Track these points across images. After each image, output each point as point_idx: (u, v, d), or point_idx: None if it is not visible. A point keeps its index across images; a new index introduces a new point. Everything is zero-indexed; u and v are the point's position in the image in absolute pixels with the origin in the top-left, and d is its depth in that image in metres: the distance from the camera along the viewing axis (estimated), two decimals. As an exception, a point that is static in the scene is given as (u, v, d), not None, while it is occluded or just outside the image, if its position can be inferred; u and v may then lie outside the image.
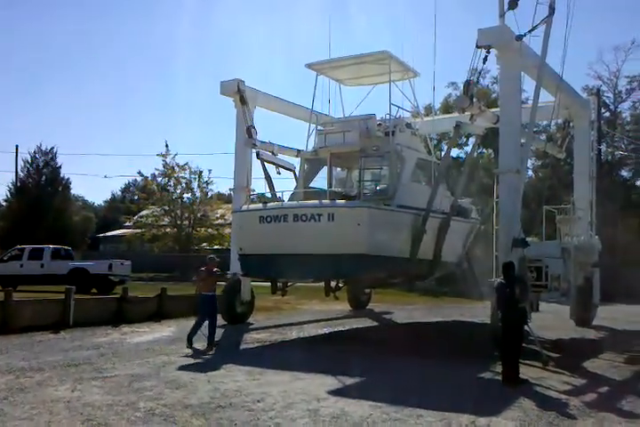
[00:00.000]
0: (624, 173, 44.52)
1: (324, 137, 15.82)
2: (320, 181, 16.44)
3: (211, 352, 12.24)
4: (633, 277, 26.92)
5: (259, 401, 8.10)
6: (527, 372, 9.98)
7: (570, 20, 14.00)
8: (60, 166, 53.36)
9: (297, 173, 16.74)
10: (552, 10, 13.36)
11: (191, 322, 14.68)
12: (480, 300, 19.31)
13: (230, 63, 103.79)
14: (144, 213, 45.24)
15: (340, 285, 16.23)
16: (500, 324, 9.60)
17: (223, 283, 16.05)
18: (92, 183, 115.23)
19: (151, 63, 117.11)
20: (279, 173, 16.86)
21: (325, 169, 16.24)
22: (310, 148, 16.31)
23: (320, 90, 16.58)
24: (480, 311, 17.61)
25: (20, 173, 49.97)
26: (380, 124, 15.48)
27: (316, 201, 13.82)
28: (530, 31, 13.12)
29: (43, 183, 52.12)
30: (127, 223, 50.05)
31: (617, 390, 9.33)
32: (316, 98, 16.30)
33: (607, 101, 42.56)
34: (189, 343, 12.62)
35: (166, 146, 41.93)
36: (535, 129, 23.84)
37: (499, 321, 9.65)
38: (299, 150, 17.82)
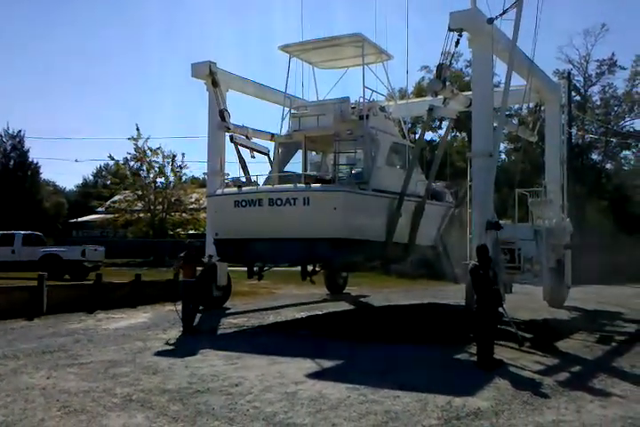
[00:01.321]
0: (594, 156, 45.20)
1: (298, 120, 15.75)
2: (295, 164, 16.38)
3: (194, 338, 12.20)
4: (603, 259, 27.42)
5: (236, 385, 8.12)
6: (501, 352, 10.15)
7: (540, 3, 14.08)
8: (29, 150, 52.49)
9: (271, 157, 16.66)
10: (523, -7, 13.37)
11: (167, 307, 14.68)
12: (455, 282, 19.55)
13: (203, 45, 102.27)
14: (117, 198, 44.73)
15: (317, 269, 16.28)
16: (475, 306, 9.72)
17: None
18: (63, 168, 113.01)
19: (123, 44, 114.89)
20: (253, 156, 16.79)
21: (300, 153, 16.19)
22: (284, 131, 16.22)
23: (294, 73, 16.49)
24: (455, 294, 17.84)
25: (-14, 157, 49.02)
26: (354, 107, 15.45)
27: (292, 185, 13.79)
28: (501, 15, 13.12)
29: (10, 168, 51.15)
30: (100, 209, 49.44)
31: (589, 369, 9.53)
32: (289, 81, 16.21)
33: (577, 85, 42.98)
34: (191, 331, 12.55)
35: (137, 129, 41.49)
36: (507, 113, 24.06)
37: (474, 303, 9.76)
38: (273, 134, 17.73)
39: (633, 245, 33.26)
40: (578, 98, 42.80)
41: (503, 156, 41.68)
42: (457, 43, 12.98)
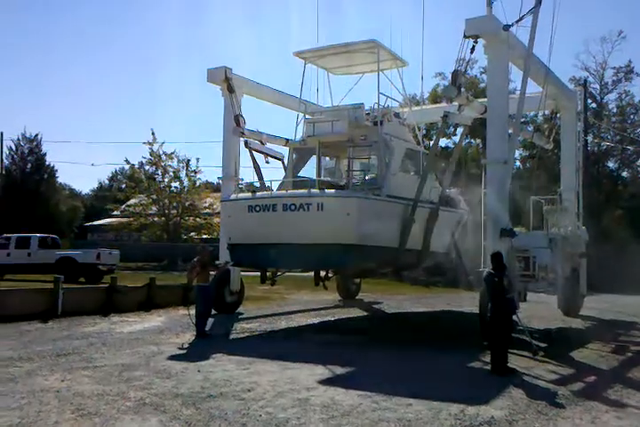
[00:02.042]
0: (610, 164, 44.85)
1: (313, 126, 15.77)
2: (309, 170, 16.41)
3: (206, 342, 12.24)
4: (619, 268, 27.19)
5: (249, 390, 8.12)
6: (516, 361, 10.08)
7: (557, 10, 14.06)
8: (46, 154, 53.02)
9: (285, 163, 16.69)
10: (539, 0, 13.35)
11: (181, 312, 14.73)
12: (469, 290, 19.44)
13: (219, 51, 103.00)
14: (132, 201, 44.97)
15: (330, 274, 16.27)
16: (489, 314, 9.66)
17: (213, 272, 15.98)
18: (79, 171, 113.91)
19: (139, 50, 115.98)
20: (268, 162, 16.86)
21: (314, 158, 16.21)
22: (299, 137, 16.26)
23: (309, 79, 16.54)
24: (468, 301, 17.73)
25: (4, 160, 49.43)
26: (368, 113, 15.46)
27: (305, 190, 13.80)
28: (517, 21, 13.10)
29: (28, 171, 51.68)
30: (115, 212, 49.75)
31: (604, 379, 9.42)
32: (304, 87, 16.27)
33: (594, 92, 42.73)
34: (204, 335, 12.59)
35: (152, 134, 41.67)
36: (522, 120, 23.93)
37: (488, 311, 9.71)
38: (287, 139, 17.77)
39: (649, 254, 32.91)
40: (594, 105, 42.54)
41: (518, 163, 41.48)
42: (472, 49, 12.98)
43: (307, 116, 16.25)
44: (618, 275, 26.57)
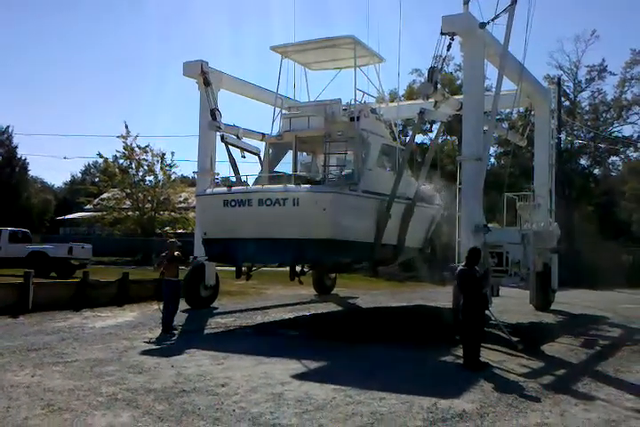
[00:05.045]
0: (582, 161, 45.53)
1: (289, 121, 15.73)
2: (285, 165, 16.37)
3: (173, 338, 12.17)
4: (590, 264, 27.66)
5: (222, 386, 8.11)
6: (487, 355, 10.20)
7: (532, 9, 14.20)
8: (17, 146, 52.18)
9: (262, 157, 16.63)
10: (514, -1, 13.48)
11: (154, 306, 14.61)
12: (442, 285, 19.62)
13: (196, 44, 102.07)
14: (105, 195, 44.43)
15: (305, 269, 16.27)
16: (462, 308, 9.75)
17: (183, 267, 15.84)
18: (52, 165, 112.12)
19: (117, 42, 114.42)
20: (244, 156, 16.73)
21: (290, 153, 16.18)
22: (275, 132, 16.21)
23: (286, 73, 16.48)
24: (443, 296, 17.90)
25: (-26, 153, 48.58)
26: (345, 109, 15.44)
27: (281, 185, 13.78)
28: (493, 19, 13.25)
29: (-2, 164, 50.90)
30: (87, 206, 49.13)
31: (574, 373, 9.59)
32: (281, 81, 16.21)
33: (567, 91, 43.33)
34: (169, 330, 12.53)
35: (126, 127, 41.18)
36: (497, 117, 24.15)
37: (461, 306, 9.80)
38: (264, 134, 17.69)
39: (618, 250, 33.59)
40: (567, 103, 43.15)
41: (493, 159, 41.94)
42: (449, 46, 13.06)
43: (284, 112, 16.20)
44: (588, 270, 27.02)
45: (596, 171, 46.23)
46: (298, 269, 15.66)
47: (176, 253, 12.86)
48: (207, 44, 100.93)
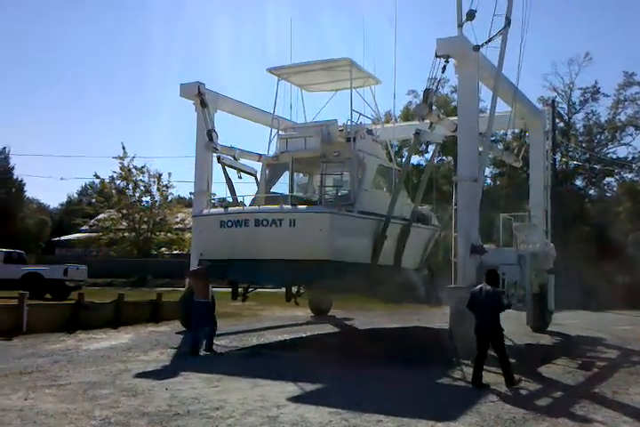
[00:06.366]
0: (578, 182, 45.74)
1: (286, 142, 15.79)
2: (282, 186, 16.41)
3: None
4: (585, 285, 27.60)
5: (217, 409, 8.00)
6: (484, 376, 10.10)
7: (525, 32, 14.43)
8: (13, 167, 52.18)
9: (258, 178, 16.68)
10: (508, 21, 13.73)
11: (149, 329, 14.51)
12: (438, 306, 19.50)
13: (194, 65, 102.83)
14: (101, 216, 44.44)
15: (302, 290, 16.20)
16: (476, 330, 9.73)
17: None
18: (48, 185, 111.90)
19: (110, 63, 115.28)
20: (240, 177, 16.78)
21: (287, 174, 16.22)
22: (272, 153, 16.27)
23: (282, 95, 16.61)
24: (439, 317, 17.79)
25: (-30, 174, 48.59)
26: (341, 129, 15.56)
27: (278, 206, 13.79)
28: (487, 42, 13.46)
29: (-6, 185, 50.86)
30: (84, 227, 49.04)
31: (571, 394, 9.52)
32: (278, 103, 16.33)
33: (561, 112, 43.68)
34: (197, 352, 12.61)
35: (123, 148, 41.55)
36: (492, 138, 24.29)
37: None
38: (260, 155, 17.77)
39: (614, 271, 33.55)
40: (562, 125, 43.45)
41: (488, 180, 42.06)
42: (444, 69, 13.23)
43: (280, 132, 16.30)
44: (585, 291, 26.96)
45: (592, 191, 46.42)
46: (294, 290, 15.61)
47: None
48: (204, 67, 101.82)
